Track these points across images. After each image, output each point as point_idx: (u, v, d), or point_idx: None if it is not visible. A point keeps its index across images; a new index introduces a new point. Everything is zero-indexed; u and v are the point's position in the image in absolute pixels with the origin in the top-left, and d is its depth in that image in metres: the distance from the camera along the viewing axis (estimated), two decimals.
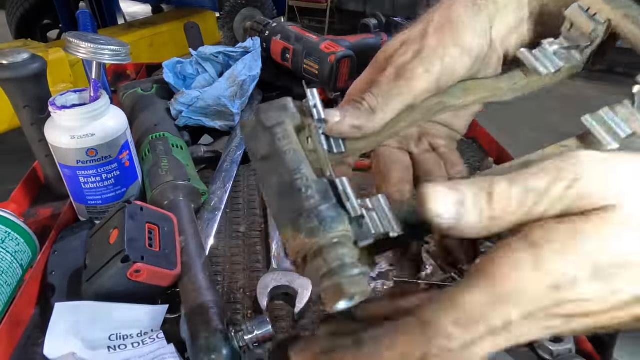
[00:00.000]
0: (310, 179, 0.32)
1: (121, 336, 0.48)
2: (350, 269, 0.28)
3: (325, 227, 0.29)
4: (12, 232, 0.54)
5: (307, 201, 0.30)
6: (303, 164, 0.33)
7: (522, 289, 0.24)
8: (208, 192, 0.70)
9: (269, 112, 0.36)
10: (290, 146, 0.34)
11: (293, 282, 0.56)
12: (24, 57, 0.60)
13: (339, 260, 0.28)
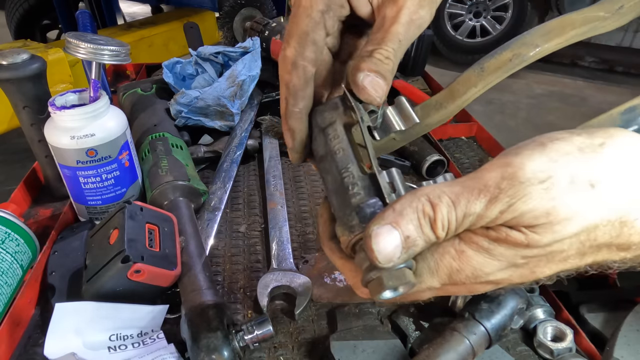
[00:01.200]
0: (356, 176, 0.34)
1: (121, 336, 0.48)
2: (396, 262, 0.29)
3: (365, 223, 0.31)
4: (12, 233, 0.54)
5: (353, 198, 0.33)
6: (350, 162, 0.35)
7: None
8: (208, 192, 0.70)
9: (324, 113, 0.39)
10: (340, 145, 0.37)
11: (293, 282, 0.56)
12: (23, 58, 0.60)
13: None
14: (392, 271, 0.30)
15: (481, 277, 0.31)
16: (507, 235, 0.29)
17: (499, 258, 0.30)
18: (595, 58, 4.44)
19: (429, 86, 1.16)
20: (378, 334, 0.49)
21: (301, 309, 0.53)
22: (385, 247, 0.29)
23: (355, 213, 0.32)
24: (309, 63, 0.39)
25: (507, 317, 0.42)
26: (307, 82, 0.39)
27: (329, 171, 0.37)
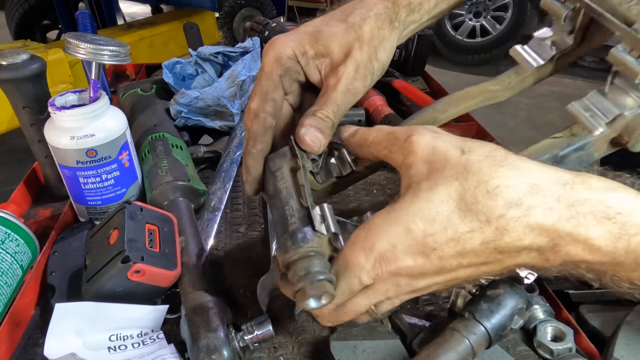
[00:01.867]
0: (294, 208, 0.42)
1: (121, 336, 0.48)
2: (314, 276, 0.36)
3: (296, 246, 0.38)
4: (12, 233, 0.54)
5: (290, 226, 0.40)
6: (291, 198, 0.43)
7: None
8: (208, 192, 0.70)
9: (275, 159, 0.47)
10: (284, 185, 0.45)
11: None
12: (23, 58, 0.60)
13: (304, 270, 0.37)
14: (314, 283, 0.36)
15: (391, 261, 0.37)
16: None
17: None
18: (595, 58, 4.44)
19: (429, 86, 1.16)
20: (378, 334, 0.49)
21: (300, 310, 0.53)
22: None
23: (290, 237, 0.39)
24: (268, 115, 0.47)
25: (507, 317, 0.42)
26: (266, 130, 0.47)
27: (275, 206, 0.44)
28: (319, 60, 0.49)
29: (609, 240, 0.32)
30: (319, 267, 0.37)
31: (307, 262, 0.37)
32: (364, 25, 0.48)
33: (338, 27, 0.48)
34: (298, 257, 0.38)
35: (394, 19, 0.50)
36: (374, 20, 0.48)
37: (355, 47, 0.47)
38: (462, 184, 0.35)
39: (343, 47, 0.48)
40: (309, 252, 0.38)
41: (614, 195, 0.33)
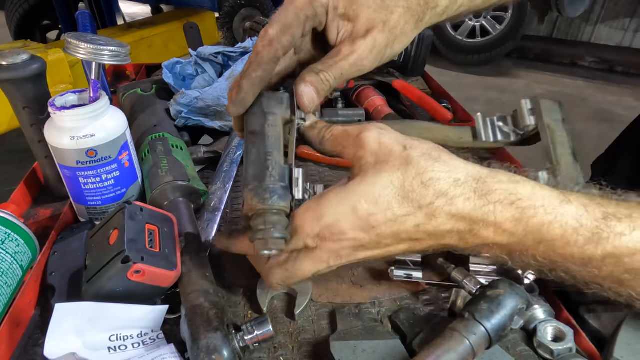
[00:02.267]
0: (277, 162, 0.45)
1: (121, 337, 0.48)
2: (277, 232, 0.43)
3: (272, 200, 0.43)
4: (12, 233, 0.54)
5: (269, 178, 0.44)
6: (277, 150, 0.46)
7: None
8: (208, 192, 0.69)
9: (271, 101, 0.48)
10: (273, 133, 0.47)
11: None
12: (23, 58, 0.60)
13: (271, 225, 0.43)
14: (275, 239, 0.43)
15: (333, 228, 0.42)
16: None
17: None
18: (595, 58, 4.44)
19: (429, 86, 1.16)
20: (378, 334, 0.49)
21: (301, 309, 0.53)
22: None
23: (267, 190, 0.43)
24: (281, 47, 0.47)
25: (507, 318, 0.42)
26: (274, 60, 0.47)
27: (255, 145, 0.46)
28: (343, 22, 0.50)
29: (513, 223, 0.39)
30: (281, 225, 0.43)
31: (274, 218, 0.43)
32: (395, 11, 0.50)
33: (374, 0, 0.50)
34: (268, 210, 0.43)
35: (421, 18, 0.52)
36: (404, 11, 0.50)
37: (379, 28, 0.49)
38: (403, 174, 0.40)
39: (369, 21, 0.49)
40: (279, 210, 0.43)
41: (516, 185, 0.39)
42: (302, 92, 0.47)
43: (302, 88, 0.47)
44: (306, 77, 0.48)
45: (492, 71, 4.35)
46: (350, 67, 0.49)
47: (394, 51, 0.51)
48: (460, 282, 0.48)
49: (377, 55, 0.50)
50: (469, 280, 0.48)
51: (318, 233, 0.42)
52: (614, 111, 3.47)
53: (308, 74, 0.48)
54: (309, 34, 0.51)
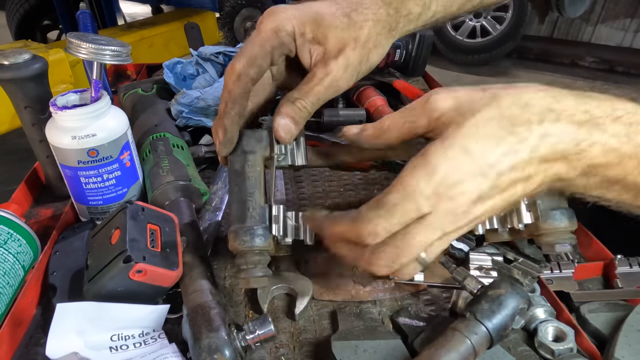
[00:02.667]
0: (257, 202, 0.48)
1: (123, 336, 0.48)
2: (258, 271, 0.47)
3: (252, 241, 0.46)
4: (14, 233, 0.54)
5: (249, 219, 0.47)
6: (257, 189, 0.49)
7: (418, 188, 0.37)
8: (209, 192, 0.70)
9: (250, 140, 0.50)
10: (253, 173, 0.49)
11: (293, 283, 0.56)
12: (25, 58, 0.60)
13: (252, 265, 0.47)
14: (257, 277, 0.48)
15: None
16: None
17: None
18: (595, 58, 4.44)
19: (430, 86, 1.16)
20: (379, 334, 0.49)
21: (301, 310, 0.53)
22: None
23: (247, 232, 0.47)
24: (250, 80, 0.48)
25: (508, 317, 0.42)
26: (246, 92, 0.48)
27: (237, 185, 0.49)
28: (313, 45, 0.50)
29: (620, 138, 0.37)
30: (261, 265, 0.47)
31: (255, 258, 0.47)
32: (364, 26, 0.50)
33: (340, 20, 0.49)
34: (249, 251, 0.47)
35: (393, 27, 0.52)
36: (374, 24, 0.50)
37: (350, 46, 0.49)
38: (497, 105, 0.38)
39: (339, 41, 0.49)
40: (260, 251, 0.47)
41: (618, 100, 0.38)
42: (278, 125, 0.48)
43: (277, 121, 0.48)
44: (282, 109, 0.49)
45: (492, 71, 4.36)
46: (326, 90, 0.49)
47: (370, 64, 0.51)
48: (461, 282, 0.48)
49: (352, 73, 0.50)
50: (470, 280, 0.48)
51: (433, 190, 0.37)
52: None
53: (284, 105, 0.49)
54: (281, 61, 0.52)
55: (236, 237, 0.47)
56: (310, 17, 0.49)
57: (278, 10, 0.49)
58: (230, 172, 0.50)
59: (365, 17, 0.50)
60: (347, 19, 0.49)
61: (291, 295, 0.56)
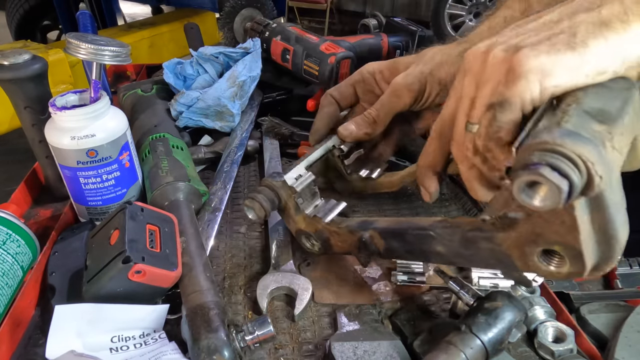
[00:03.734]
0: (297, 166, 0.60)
1: (123, 338, 0.48)
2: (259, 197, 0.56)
3: (268, 177, 0.58)
4: (13, 234, 0.54)
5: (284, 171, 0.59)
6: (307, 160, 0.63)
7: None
8: (208, 192, 0.69)
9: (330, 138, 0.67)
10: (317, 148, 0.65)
11: (293, 283, 0.55)
12: (25, 58, 0.60)
13: (258, 192, 0.57)
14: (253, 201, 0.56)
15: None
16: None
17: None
18: None
19: None
20: (378, 335, 0.49)
21: (300, 311, 0.53)
22: None
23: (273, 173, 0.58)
24: (332, 95, 0.69)
25: (504, 331, 0.41)
26: (330, 103, 0.69)
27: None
28: (390, 77, 0.63)
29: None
30: (265, 194, 0.55)
31: (264, 189, 0.56)
32: (429, 52, 0.61)
33: (411, 58, 0.64)
34: (262, 184, 0.57)
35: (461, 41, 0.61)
36: (440, 49, 0.61)
37: (413, 64, 0.61)
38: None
39: (406, 66, 0.61)
40: (268, 184, 0.56)
41: None
42: (340, 127, 0.63)
43: (341, 126, 0.63)
44: (349, 117, 0.65)
45: None
46: (388, 96, 0.60)
47: (436, 78, 0.58)
48: (457, 293, 0.48)
49: (412, 80, 0.58)
50: (467, 290, 0.47)
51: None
52: None
53: (352, 115, 0.66)
54: (370, 97, 0.67)
55: (268, 175, 0.58)
56: (389, 64, 0.64)
57: (368, 64, 0.67)
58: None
59: (433, 49, 0.62)
60: (416, 56, 0.62)
61: (290, 297, 0.56)
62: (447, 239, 0.43)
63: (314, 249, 0.57)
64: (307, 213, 0.56)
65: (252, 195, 0.55)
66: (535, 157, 0.29)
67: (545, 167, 0.29)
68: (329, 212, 0.56)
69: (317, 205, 0.58)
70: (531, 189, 0.30)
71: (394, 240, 0.49)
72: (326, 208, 0.57)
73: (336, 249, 0.55)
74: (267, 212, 0.55)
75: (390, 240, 0.49)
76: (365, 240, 0.50)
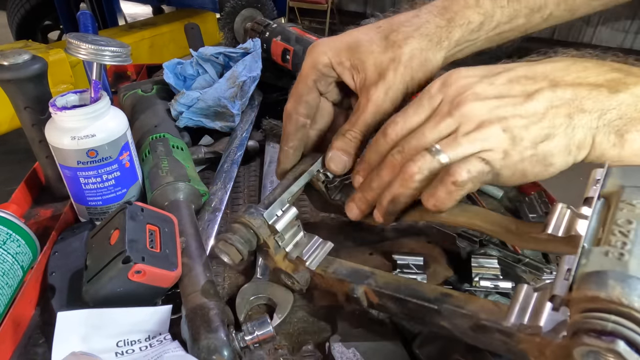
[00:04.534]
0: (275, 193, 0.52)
1: (129, 342, 0.47)
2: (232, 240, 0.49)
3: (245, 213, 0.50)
4: (13, 234, 0.54)
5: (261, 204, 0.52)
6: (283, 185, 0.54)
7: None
8: (208, 192, 0.70)
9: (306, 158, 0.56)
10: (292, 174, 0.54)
11: (274, 294, 0.54)
12: (25, 58, 0.60)
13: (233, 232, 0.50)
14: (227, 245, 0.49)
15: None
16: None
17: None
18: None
19: None
20: (379, 336, 0.49)
21: (278, 323, 0.52)
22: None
23: (249, 207, 0.50)
24: (301, 116, 0.52)
25: None
26: (298, 129, 0.53)
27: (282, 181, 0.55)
28: (354, 71, 0.51)
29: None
30: (241, 235, 0.49)
31: (240, 228, 0.49)
32: (405, 45, 0.48)
33: (377, 44, 0.49)
34: (238, 221, 0.50)
35: (443, 38, 0.49)
36: (418, 40, 0.48)
37: (390, 68, 0.48)
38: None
39: (378, 66, 0.48)
40: (245, 222, 0.49)
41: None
42: (328, 159, 0.51)
43: (327, 155, 0.52)
44: (333, 143, 0.51)
45: None
46: (373, 117, 0.49)
47: (416, 82, 0.49)
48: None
49: (396, 94, 0.49)
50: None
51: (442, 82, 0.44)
52: None
53: (335, 139, 0.51)
54: (332, 88, 0.54)
55: (243, 210, 0.50)
56: (346, 45, 0.50)
57: (315, 45, 0.52)
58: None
59: (406, 35, 0.48)
60: (385, 42, 0.49)
61: (270, 307, 0.55)
62: (456, 319, 0.40)
63: (294, 287, 0.53)
64: (288, 251, 0.52)
65: (224, 237, 0.48)
66: (610, 326, 0.26)
67: (620, 341, 0.25)
68: (314, 254, 0.51)
69: (299, 241, 0.53)
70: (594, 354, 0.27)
71: (391, 302, 0.45)
72: (310, 248, 0.52)
73: (321, 288, 0.52)
74: (243, 256, 0.49)
75: (386, 300, 0.45)
76: (357, 296, 0.47)
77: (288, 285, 0.54)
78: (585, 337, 0.27)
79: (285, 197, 0.51)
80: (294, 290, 0.54)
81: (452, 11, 0.49)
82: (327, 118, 0.56)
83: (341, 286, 0.49)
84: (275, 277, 0.55)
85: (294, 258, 0.51)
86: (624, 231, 0.30)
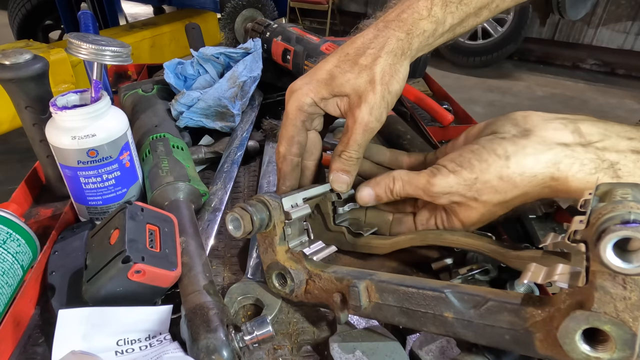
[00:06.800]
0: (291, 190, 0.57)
1: (129, 341, 0.47)
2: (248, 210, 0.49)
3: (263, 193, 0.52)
4: (13, 233, 0.54)
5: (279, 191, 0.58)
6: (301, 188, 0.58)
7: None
8: (208, 192, 0.70)
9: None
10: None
11: (262, 295, 0.54)
12: (26, 58, 0.60)
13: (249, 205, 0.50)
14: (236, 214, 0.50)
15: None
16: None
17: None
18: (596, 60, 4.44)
19: (430, 88, 1.16)
20: (378, 336, 0.49)
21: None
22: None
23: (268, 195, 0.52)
24: (295, 156, 0.57)
25: None
26: (294, 169, 0.57)
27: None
28: (338, 99, 0.55)
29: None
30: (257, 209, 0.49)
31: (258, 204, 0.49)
32: (376, 66, 0.52)
33: (351, 72, 0.53)
34: (256, 198, 0.51)
35: (407, 49, 0.53)
36: (385, 58, 0.52)
37: (368, 90, 0.52)
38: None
39: (357, 89, 0.52)
40: (263, 200, 0.50)
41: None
42: (331, 181, 0.56)
43: (330, 178, 0.56)
44: (332, 165, 0.56)
45: (493, 73, 4.36)
46: (363, 135, 0.53)
47: (394, 93, 0.53)
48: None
49: (379, 110, 0.53)
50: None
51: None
52: (616, 114, 3.47)
53: (333, 161, 0.55)
54: (318, 122, 0.59)
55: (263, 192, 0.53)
56: (323, 81, 0.54)
57: (294, 88, 0.55)
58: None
59: (374, 57, 0.52)
60: (356, 67, 0.52)
61: (258, 307, 0.55)
62: (462, 305, 0.40)
63: (282, 290, 0.53)
64: (292, 246, 0.52)
65: (243, 205, 0.49)
66: (633, 214, 0.27)
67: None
68: (317, 253, 0.52)
69: (303, 242, 0.54)
70: (622, 252, 0.27)
71: (392, 296, 0.44)
72: (313, 248, 0.53)
73: (309, 297, 0.51)
74: (254, 228, 0.49)
75: (387, 295, 0.44)
76: (357, 289, 0.45)
77: (276, 286, 0.53)
78: (611, 229, 0.27)
79: (303, 194, 0.54)
80: (281, 297, 0.54)
81: (407, 24, 0.53)
82: (319, 147, 0.60)
83: (337, 285, 0.48)
84: (267, 275, 0.54)
85: (297, 252, 0.51)
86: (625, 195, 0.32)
